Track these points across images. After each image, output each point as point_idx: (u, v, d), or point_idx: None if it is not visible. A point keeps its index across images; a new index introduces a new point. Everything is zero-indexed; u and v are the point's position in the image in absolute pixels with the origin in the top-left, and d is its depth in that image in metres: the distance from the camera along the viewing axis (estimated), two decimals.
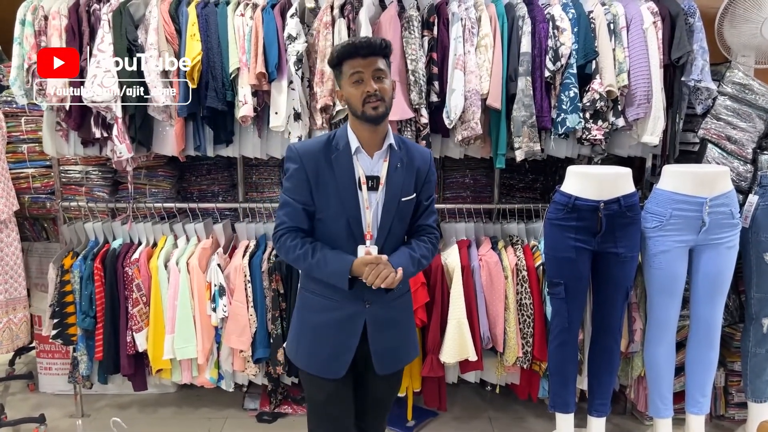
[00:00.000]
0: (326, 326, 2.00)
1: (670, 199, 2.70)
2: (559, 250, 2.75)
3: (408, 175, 2.00)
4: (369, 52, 1.87)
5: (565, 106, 2.85)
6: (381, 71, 1.88)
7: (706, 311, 2.81)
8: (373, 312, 2.00)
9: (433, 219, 2.11)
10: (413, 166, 2.01)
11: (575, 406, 2.94)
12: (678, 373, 3.03)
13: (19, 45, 2.86)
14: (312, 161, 1.95)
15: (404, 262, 1.95)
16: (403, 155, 2.00)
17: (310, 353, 2.05)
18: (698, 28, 2.91)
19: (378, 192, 1.96)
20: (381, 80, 1.89)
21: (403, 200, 1.98)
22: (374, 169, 1.97)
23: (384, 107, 1.89)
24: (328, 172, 1.95)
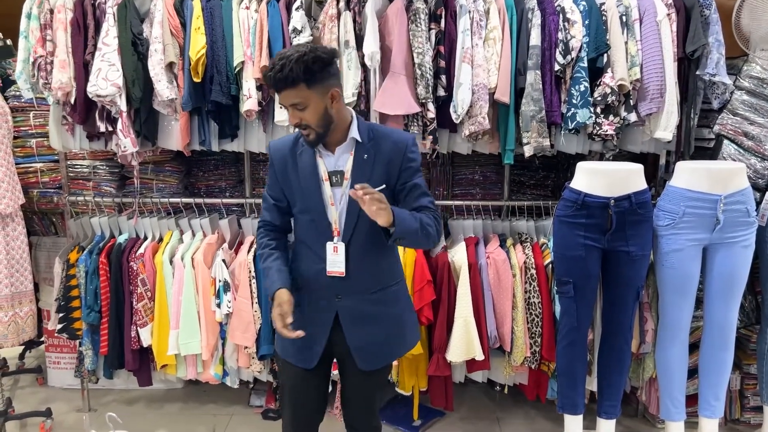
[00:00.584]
0: (298, 318, 1.96)
1: (684, 196, 2.63)
2: (569, 248, 2.70)
3: (377, 167, 1.93)
4: (280, 88, 1.80)
5: (575, 100, 2.79)
6: (297, 104, 1.80)
7: (720, 312, 2.74)
8: (345, 306, 1.99)
9: (427, 200, 1.98)
10: (383, 156, 1.94)
11: (584, 407, 2.88)
12: (691, 375, 2.95)
13: (25, 39, 2.86)
14: (280, 159, 1.99)
15: (405, 213, 1.85)
16: (370, 147, 1.94)
17: (284, 340, 2.03)
18: (714, 20, 2.83)
19: (343, 186, 1.93)
20: (301, 110, 1.81)
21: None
22: (338, 164, 1.95)
23: (314, 133, 1.86)
24: (293, 169, 1.97)
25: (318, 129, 1.85)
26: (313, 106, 1.81)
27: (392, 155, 1.95)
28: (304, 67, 1.75)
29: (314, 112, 1.82)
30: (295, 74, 1.75)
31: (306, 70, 1.76)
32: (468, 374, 3.16)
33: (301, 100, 1.80)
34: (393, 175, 1.95)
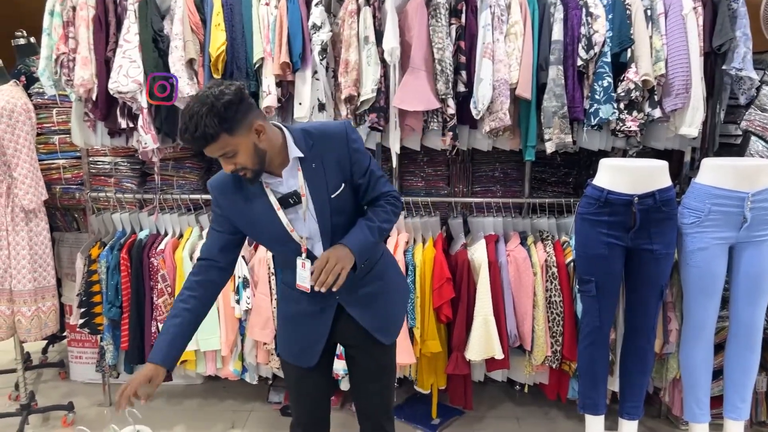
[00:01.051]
0: (298, 318, 2.02)
1: (709, 193, 2.58)
2: (591, 246, 2.66)
3: (328, 170, 1.87)
4: (202, 146, 1.67)
5: (598, 96, 2.75)
6: (224, 153, 1.70)
7: (747, 312, 2.68)
8: (346, 298, 1.98)
9: (383, 184, 1.97)
10: (330, 158, 1.87)
11: (606, 407, 2.85)
12: (716, 376, 2.90)
13: (48, 36, 2.88)
14: (224, 197, 1.89)
15: (361, 237, 1.87)
16: (316, 152, 1.86)
17: (285, 342, 2.09)
18: (742, 14, 2.77)
19: (304, 203, 1.86)
20: (232, 157, 1.71)
21: (333, 196, 1.88)
22: (290, 184, 1.86)
23: (252, 173, 1.76)
24: (242, 204, 1.88)
25: (254, 167, 1.75)
26: (243, 150, 1.71)
27: (337, 152, 1.88)
28: (218, 118, 1.63)
29: (245, 153, 1.72)
30: (212, 130, 1.63)
31: (221, 120, 1.64)
32: (487, 373, 3.14)
33: (228, 149, 1.69)
34: (346, 169, 1.89)
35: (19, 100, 2.83)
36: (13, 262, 2.89)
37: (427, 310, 2.94)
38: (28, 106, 2.87)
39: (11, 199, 2.88)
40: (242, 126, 1.69)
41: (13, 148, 2.82)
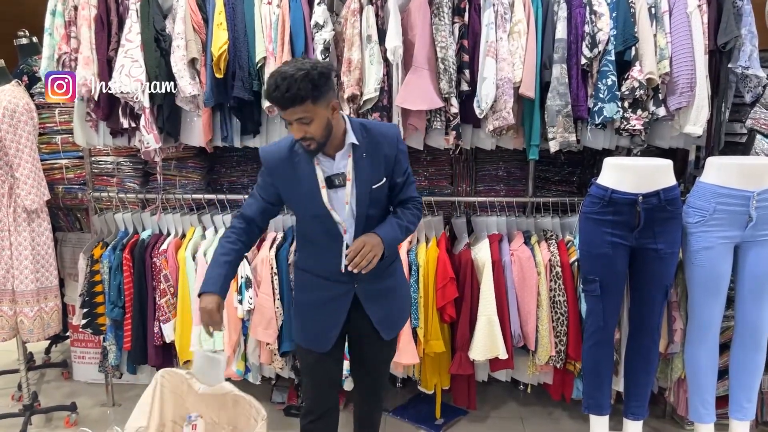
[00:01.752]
0: (315, 305, 2.16)
1: (714, 192, 2.57)
2: (595, 246, 2.65)
3: (375, 163, 2.05)
4: (286, 106, 1.84)
5: (602, 94, 2.75)
6: (302, 118, 1.86)
7: (752, 312, 2.67)
8: (363, 288, 2.12)
9: (413, 189, 2.19)
10: (379, 153, 2.06)
11: (610, 408, 2.84)
12: (722, 376, 2.88)
13: (50, 36, 2.89)
14: (276, 166, 2.07)
15: (391, 231, 2.06)
16: (368, 145, 2.04)
17: (301, 328, 2.26)
18: (747, 12, 2.76)
19: (347, 187, 2.02)
20: (306, 124, 1.88)
21: (374, 188, 2.05)
22: (339, 166, 2.03)
23: (315, 144, 1.92)
24: (292, 176, 2.04)
25: (320, 140, 1.92)
26: (318, 120, 1.88)
27: (386, 149, 2.07)
28: (312, 85, 1.81)
29: (319, 125, 1.89)
30: (303, 92, 1.80)
31: (313, 87, 1.82)
32: (491, 373, 3.13)
33: (306, 115, 1.85)
34: (389, 166, 2.08)
35: (21, 100, 2.83)
36: (15, 262, 2.89)
37: (430, 309, 2.93)
38: (30, 106, 2.87)
39: (13, 199, 2.88)
40: (325, 99, 1.88)
41: (15, 148, 2.82)
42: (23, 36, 3.65)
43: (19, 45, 3.65)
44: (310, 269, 2.17)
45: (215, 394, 2.45)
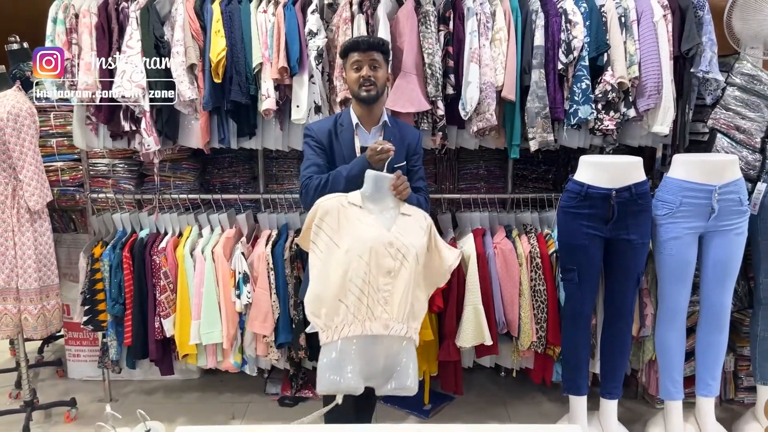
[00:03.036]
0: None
1: (681, 187, 2.77)
2: (573, 237, 2.83)
3: (400, 147, 2.45)
4: (367, 47, 2.40)
5: (577, 97, 2.93)
6: (376, 61, 2.41)
7: (715, 296, 2.88)
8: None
9: (423, 183, 2.58)
10: (404, 140, 2.52)
11: (588, 389, 3.02)
12: (688, 358, 3.09)
13: (52, 42, 2.98)
14: (323, 136, 2.48)
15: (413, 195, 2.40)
16: (396, 131, 2.52)
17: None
18: (707, 21, 2.98)
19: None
20: (375, 69, 2.41)
21: (396, 166, 2.38)
22: (371, 140, 2.45)
23: (375, 90, 2.41)
24: (335, 143, 2.49)
25: (378, 89, 2.42)
26: (382, 71, 2.44)
27: (410, 140, 2.56)
28: (384, 44, 2.48)
29: (382, 75, 2.44)
30: (383, 43, 2.47)
31: (385, 44, 2.49)
32: (476, 359, 3.30)
33: (378, 61, 2.42)
34: (410, 153, 2.54)
35: (24, 105, 2.91)
36: (19, 261, 2.97)
37: None
38: (33, 110, 2.95)
39: (17, 200, 2.96)
40: (388, 64, 2.52)
41: (18, 151, 2.90)
42: (14, 42, 3.70)
43: (10, 50, 3.68)
44: None
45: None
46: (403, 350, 2.09)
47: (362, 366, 2.04)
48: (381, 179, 2.22)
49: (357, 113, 2.49)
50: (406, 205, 2.29)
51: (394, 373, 2.07)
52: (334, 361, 2.00)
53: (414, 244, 2.13)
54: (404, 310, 2.06)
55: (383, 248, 2.05)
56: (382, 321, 2.02)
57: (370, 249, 2.03)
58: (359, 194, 2.22)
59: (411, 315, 2.11)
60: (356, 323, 1.99)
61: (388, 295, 2.03)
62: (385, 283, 2.04)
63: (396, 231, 2.14)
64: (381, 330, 2.02)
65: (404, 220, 2.21)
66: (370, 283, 2.02)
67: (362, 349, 2.03)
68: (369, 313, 2.00)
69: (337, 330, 1.99)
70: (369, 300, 2.00)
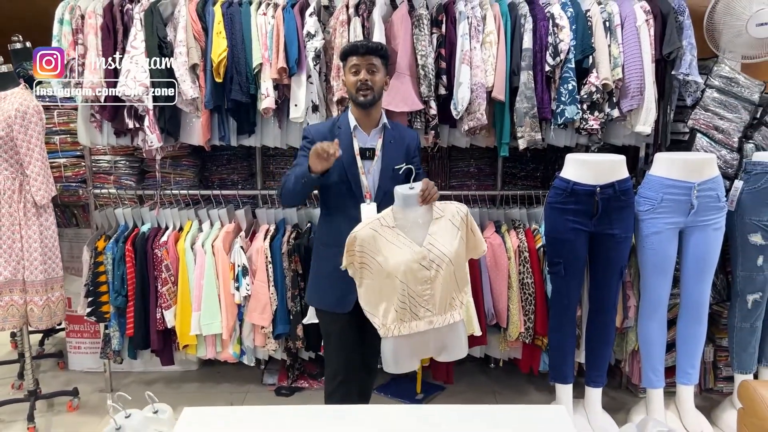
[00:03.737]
0: (335, 270, 2.33)
1: (662, 184, 2.88)
2: (559, 232, 2.93)
3: (399, 149, 2.50)
4: (365, 51, 2.39)
5: (564, 98, 3.05)
6: (374, 65, 2.40)
7: (695, 289, 3.00)
8: None
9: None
10: (403, 143, 2.54)
11: (573, 378, 3.14)
12: (669, 349, 3.21)
13: (58, 42, 3.07)
14: (321, 137, 2.40)
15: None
16: (395, 134, 2.53)
17: (323, 294, 2.54)
18: (687, 26, 3.11)
19: (374, 161, 2.46)
20: (373, 73, 2.40)
21: (395, 168, 2.44)
22: (370, 142, 2.48)
23: (372, 95, 2.40)
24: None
25: (375, 93, 2.41)
26: (380, 76, 2.42)
27: (409, 143, 2.57)
28: (383, 48, 2.46)
29: (380, 79, 2.42)
30: (381, 47, 2.45)
31: (386, 52, 2.47)
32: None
33: (376, 66, 2.40)
34: (409, 156, 2.53)
35: (31, 102, 3.01)
36: (26, 254, 3.06)
37: None
38: (39, 108, 3.05)
39: (23, 195, 3.05)
40: (386, 68, 2.47)
41: (26, 147, 3.00)
42: (17, 41, 3.79)
43: (13, 50, 3.76)
44: (330, 241, 2.45)
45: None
46: (450, 330, 2.29)
47: (415, 351, 2.29)
48: (408, 198, 2.24)
49: (355, 116, 2.49)
50: (438, 206, 2.30)
51: (446, 347, 2.32)
52: (390, 352, 2.26)
53: (447, 251, 2.22)
54: (445, 303, 2.25)
55: (417, 264, 2.18)
56: (426, 318, 2.22)
57: (404, 271, 2.17)
58: (391, 213, 2.26)
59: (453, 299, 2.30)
60: (404, 324, 2.22)
61: (429, 297, 2.21)
62: (424, 290, 2.20)
63: (429, 243, 2.22)
64: (426, 326, 2.22)
65: (437, 226, 2.27)
66: (409, 294, 2.19)
67: (413, 341, 2.25)
68: (413, 316, 2.21)
69: (390, 329, 2.22)
70: (411, 306, 2.20)
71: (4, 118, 2.96)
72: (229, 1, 3.13)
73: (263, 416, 1.93)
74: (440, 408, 2.00)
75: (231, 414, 1.93)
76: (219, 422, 1.88)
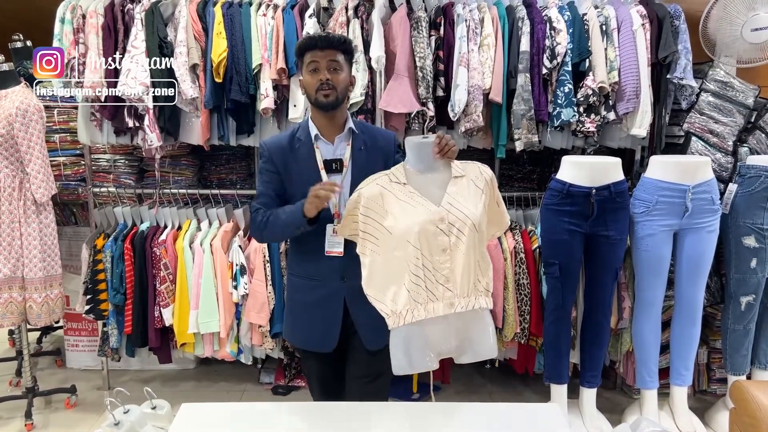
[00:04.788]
0: (312, 305, 2.15)
1: (657, 186, 2.91)
2: (555, 233, 2.96)
3: (373, 156, 2.14)
4: (326, 45, 2.05)
5: (560, 100, 3.08)
6: (336, 62, 2.06)
7: (689, 291, 3.02)
8: (351, 286, 2.08)
9: None
10: (377, 147, 2.17)
11: (568, 378, 3.15)
12: (663, 351, 3.24)
13: (59, 41, 3.09)
14: (278, 153, 2.13)
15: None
16: (366, 138, 2.16)
17: (303, 331, 2.23)
18: (683, 30, 3.15)
19: (343, 174, 2.11)
20: (335, 71, 2.06)
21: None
22: (336, 152, 2.14)
23: (335, 96, 2.06)
24: (292, 161, 2.12)
25: (338, 94, 2.07)
26: (343, 74, 2.09)
27: (384, 147, 2.21)
28: (346, 42, 2.11)
29: (343, 78, 2.09)
30: (343, 41, 2.09)
31: (348, 46, 2.12)
32: None
33: (338, 62, 2.07)
34: (388, 163, 2.13)
35: (32, 101, 3.03)
36: (25, 251, 3.08)
37: None
38: (40, 106, 3.07)
39: (23, 192, 3.07)
40: (349, 64, 2.14)
41: (26, 145, 3.02)
42: (18, 40, 3.81)
43: (14, 48, 3.79)
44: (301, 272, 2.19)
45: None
46: (475, 320, 1.93)
47: (433, 345, 1.92)
48: (421, 147, 1.95)
49: (317, 123, 2.13)
50: (458, 164, 1.99)
51: (470, 343, 1.94)
52: (402, 346, 1.90)
53: (469, 213, 1.88)
54: (468, 283, 1.89)
55: (433, 227, 1.84)
56: (445, 300, 1.86)
57: (418, 233, 1.83)
58: (402, 168, 1.99)
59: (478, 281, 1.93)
60: (418, 308, 1.86)
61: (448, 272, 1.85)
62: (442, 262, 1.85)
63: (447, 202, 1.89)
64: (446, 309, 1.86)
65: (457, 185, 1.94)
66: (424, 266, 1.85)
67: (430, 330, 1.90)
68: (430, 296, 1.86)
69: (401, 316, 1.87)
70: (427, 282, 1.85)
71: (4, 116, 2.99)
72: (229, 2, 3.16)
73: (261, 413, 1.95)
74: (437, 405, 2.01)
75: (229, 410, 1.96)
76: (217, 418, 1.91)
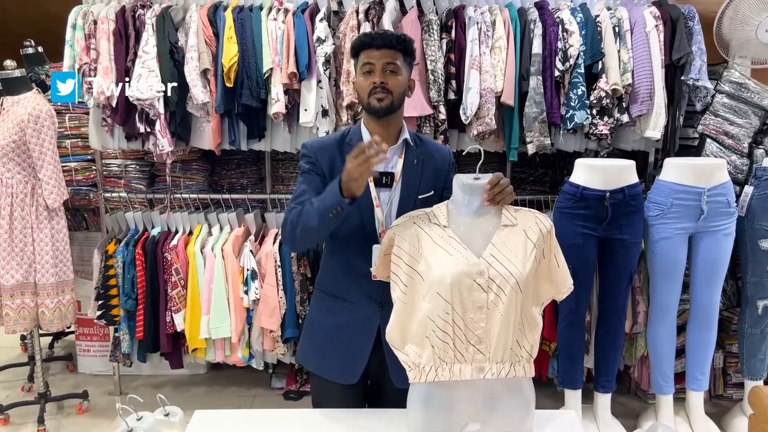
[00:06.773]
0: (340, 329, 1.92)
1: (671, 189, 2.88)
2: (568, 237, 2.90)
3: (426, 173, 1.92)
4: (382, 44, 1.81)
5: (573, 103, 3.06)
6: (393, 64, 1.82)
7: (704, 294, 2.99)
8: (387, 316, 1.74)
9: None
10: (432, 165, 1.95)
11: (582, 383, 3.13)
12: (679, 355, 3.21)
13: (71, 47, 3.11)
14: (325, 156, 1.90)
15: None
16: (421, 152, 1.94)
17: (323, 356, 1.97)
18: (697, 31, 3.12)
19: (392, 189, 1.89)
20: (392, 74, 1.82)
21: (420, 198, 1.89)
22: (388, 165, 1.89)
23: (390, 100, 1.82)
24: (340, 164, 1.81)
25: (395, 99, 1.83)
26: (401, 77, 1.84)
27: (440, 163, 1.98)
28: (406, 41, 1.85)
29: (400, 82, 1.84)
30: (401, 39, 1.84)
31: (408, 44, 1.86)
32: None
33: (396, 64, 1.82)
34: (440, 181, 1.95)
35: (44, 107, 3.03)
36: (37, 257, 3.09)
37: None
38: (52, 112, 3.07)
39: (35, 198, 3.08)
40: (408, 67, 1.89)
41: (38, 151, 3.02)
42: (29, 46, 3.84)
43: (25, 54, 3.83)
44: (333, 290, 1.97)
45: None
46: (509, 390, 1.67)
47: (455, 409, 1.67)
48: (470, 188, 1.71)
49: (369, 129, 1.90)
50: (511, 210, 1.73)
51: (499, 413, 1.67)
52: (421, 404, 1.68)
53: (513, 270, 1.61)
54: (505, 347, 1.62)
55: (470, 280, 1.59)
56: (475, 363, 1.62)
57: (450, 285, 1.58)
58: (444, 208, 1.74)
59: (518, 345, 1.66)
60: (443, 367, 1.62)
61: (482, 333, 1.60)
62: (476, 320, 1.60)
63: (490, 254, 1.63)
64: (474, 374, 1.61)
65: (505, 235, 1.67)
66: (454, 322, 1.60)
67: (454, 393, 1.66)
68: (458, 356, 1.62)
69: (424, 372, 1.63)
70: (456, 341, 1.61)
71: (17, 122, 2.99)
72: (239, 7, 3.16)
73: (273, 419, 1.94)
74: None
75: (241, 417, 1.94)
76: (229, 425, 1.89)
